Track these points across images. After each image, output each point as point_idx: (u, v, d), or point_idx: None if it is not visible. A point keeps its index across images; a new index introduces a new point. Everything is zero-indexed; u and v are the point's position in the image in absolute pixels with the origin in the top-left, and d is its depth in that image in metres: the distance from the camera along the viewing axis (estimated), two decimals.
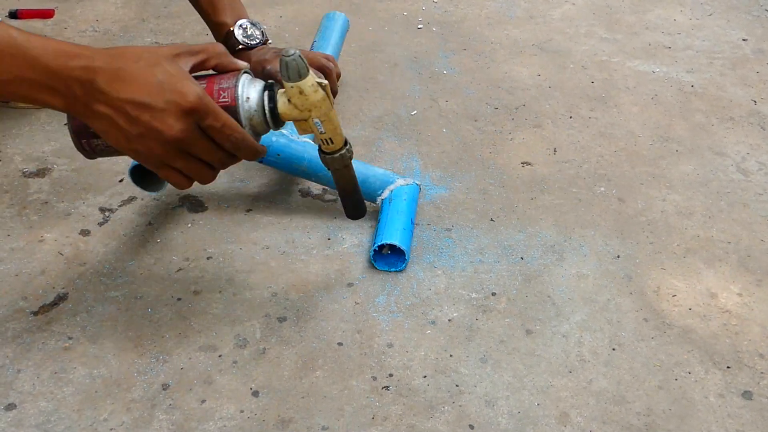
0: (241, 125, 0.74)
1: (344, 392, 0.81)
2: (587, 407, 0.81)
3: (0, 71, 0.66)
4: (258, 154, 0.76)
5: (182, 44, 0.74)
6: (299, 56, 0.71)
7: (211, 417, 0.77)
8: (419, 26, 1.56)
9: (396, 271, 0.96)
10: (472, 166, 1.16)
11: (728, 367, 0.86)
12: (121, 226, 1.00)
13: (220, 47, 0.76)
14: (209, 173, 0.75)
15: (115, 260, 0.94)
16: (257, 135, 0.77)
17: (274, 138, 1.01)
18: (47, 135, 1.16)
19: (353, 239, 1.00)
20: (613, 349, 0.87)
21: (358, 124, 1.24)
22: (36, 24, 1.45)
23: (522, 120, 1.28)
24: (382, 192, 1.02)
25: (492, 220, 1.05)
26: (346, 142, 0.82)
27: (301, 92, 0.74)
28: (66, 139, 1.15)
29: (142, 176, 0.93)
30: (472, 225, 1.04)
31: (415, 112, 1.28)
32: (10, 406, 0.77)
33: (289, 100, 0.75)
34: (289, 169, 1.03)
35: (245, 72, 0.77)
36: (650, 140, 1.24)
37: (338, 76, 1.07)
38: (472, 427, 0.78)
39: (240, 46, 1.02)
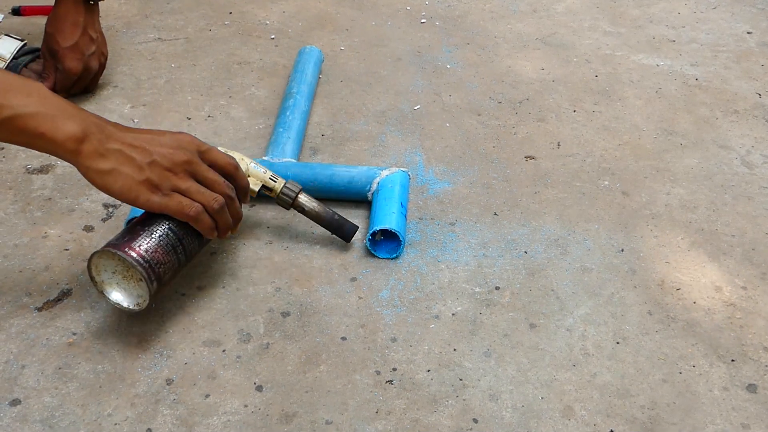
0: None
1: (348, 386, 0.81)
2: (591, 401, 0.81)
3: (26, 104, 0.75)
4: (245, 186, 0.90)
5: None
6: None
7: (215, 411, 0.77)
8: (422, 20, 1.56)
9: (396, 257, 0.96)
10: (476, 161, 1.16)
11: (733, 361, 0.86)
12: (124, 222, 1.00)
13: None
14: (211, 196, 0.84)
15: None
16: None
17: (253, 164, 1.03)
18: None
19: (356, 234, 1.00)
20: (617, 343, 0.87)
21: (362, 118, 1.24)
22: (39, 21, 1.45)
23: (525, 114, 1.27)
24: (370, 186, 1.03)
25: (495, 214, 1.05)
26: (283, 183, 0.95)
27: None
28: None
29: None
30: (476, 219, 1.04)
31: (418, 106, 1.28)
32: (15, 402, 0.77)
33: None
34: None
35: None
36: (654, 134, 1.24)
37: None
38: (476, 420, 0.78)
39: None
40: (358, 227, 0.97)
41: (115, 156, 0.78)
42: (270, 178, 0.95)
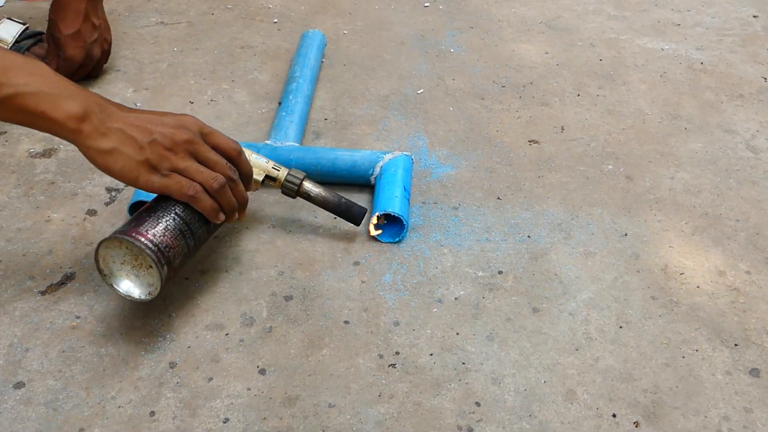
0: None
1: (351, 370, 0.81)
2: (594, 385, 0.81)
3: (27, 83, 0.74)
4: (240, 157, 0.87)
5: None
6: None
7: (218, 395, 0.77)
8: (426, 4, 1.55)
9: (399, 241, 0.96)
10: (479, 145, 1.15)
11: (736, 345, 0.86)
12: (126, 206, 1.00)
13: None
14: (210, 175, 0.83)
15: None
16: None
17: (258, 149, 1.04)
18: None
19: None
20: (620, 327, 0.87)
21: (365, 102, 1.24)
22: (42, 5, 1.44)
23: (529, 98, 1.27)
24: (373, 170, 1.02)
25: (499, 198, 1.05)
26: (287, 172, 0.94)
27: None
28: None
29: None
30: (479, 203, 1.04)
31: (421, 90, 1.28)
32: (19, 385, 0.77)
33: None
34: None
35: None
36: (659, 118, 1.23)
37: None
38: (478, 404, 0.78)
39: None
40: (366, 209, 0.97)
41: (116, 135, 0.77)
42: (273, 168, 0.94)
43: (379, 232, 0.96)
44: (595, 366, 0.83)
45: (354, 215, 0.96)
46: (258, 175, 0.93)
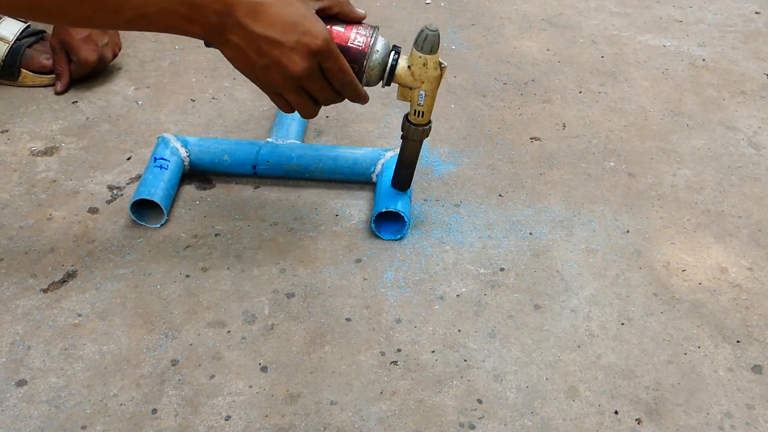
0: (363, 70, 0.81)
1: (352, 367, 0.81)
2: (596, 381, 0.81)
3: (147, 3, 0.70)
4: (361, 99, 0.83)
5: None
6: (438, 34, 0.80)
7: (220, 392, 0.77)
8: (427, 1, 1.55)
9: (400, 238, 0.96)
10: (481, 142, 1.15)
11: (738, 342, 0.86)
12: (128, 204, 1.00)
13: None
14: (314, 109, 0.82)
15: (124, 237, 0.95)
16: (368, 85, 0.84)
17: (260, 146, 1.03)
18: (55, 114, 1.16)
19: (361, 215, 1.00)
20: (622, 324, 0.87)
21: None
22: None
23: (531, 95, 1.27)
24: (375, 168, 1.02)
25: (500, 195, 1.05)
26: (430, 120, 0.89)
27: (425, 64, 0.82)
28: (73, 117, 1.15)
29: (141, 212, 0.97)
30: (481, 200, 1.04)
31: None
32: (21, 382, 0.77)
33: (409, 67, 0.83)
34: (281, 172, 1.03)
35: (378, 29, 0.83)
36: (661, 115, 1.23)
37: None
38: (480, 401, 0.78)
39: None
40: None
41: (232, 48, 0.76)
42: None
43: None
44: (597, 363, 0.83)
45: (405, 185, 0.96)
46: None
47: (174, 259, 0.92)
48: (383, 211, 0.95)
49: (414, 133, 0.89)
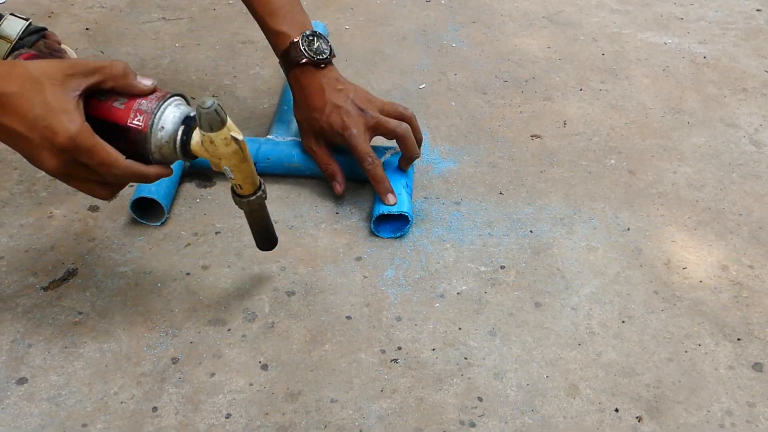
0: (149, 152, 0.72)
1: (353, 365, 0.81)
2: (596, 379, 0.81)
3: None
4: (151, 180, 0.74)
5: (79, 62, 0.69)
6: (215, 110, 0.68)
7: (221, 390, 0.78)
8: None
9: (400, 236, 0.96)
10: (481, 140, 1.15)
11: (739, 339, 0.86)
12: (128, 203, 1.00)
13: (119, 67, 0.71)
14: (104, 191, 0.74)
15: (124, 236, 0.95)
16: (167, 161, 0.75)
17: (261, 143, 1.03)
18: None
19: (361, 213, 1.00)
20: (623, 322, 0.87)
21: None
22: (43, 1, 1.44)
23: (531, 93, 1.27)
24: None
25: (501, 193, 1.05)
26: (259, 188, 0.79)
27: (212, 142, 0.70)
28: None
29: (142, 210, 0.97)
30: (481, 198, 1.04)
31: (423, 85, 1.28)
32: (22, 380, 0.78)
33: (202, 143, 0.72)
34: (281, 169, 1.03)
35: (174, 95, 0.74)
36: (661, 112, 1.23)
37: (419, 141, 1.01)
38: (480, 399, 0.78)
39: (304, 60, 0.98)
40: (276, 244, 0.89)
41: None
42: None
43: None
44: (597, 361, 0.83)
45: (268, 245, 0.88)
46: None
47: (174, 257, 0.92)
48: (382, 214, 0.94)
49: (242, 205, 0.80)
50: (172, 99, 0.73)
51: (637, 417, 0.77)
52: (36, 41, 1.21)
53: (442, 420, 0.76)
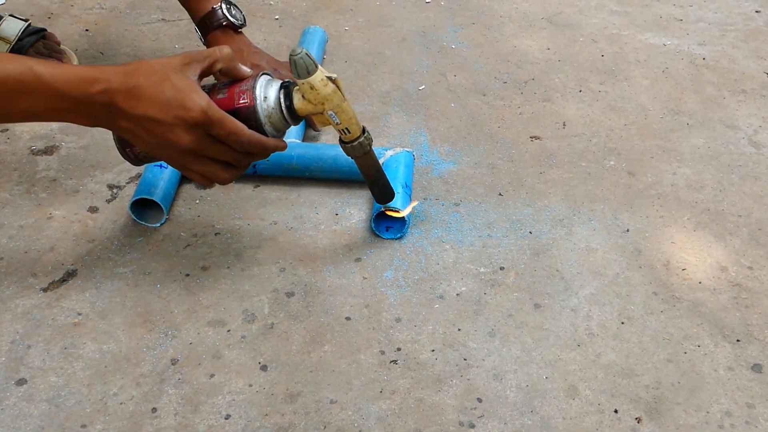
0: (261, 123, 0.79)
1: (352, 366, 0.81)
2: (596, 380, 0.81)
3: (32, 106, 0.73)
4: (270, 151, 0.81)
5: (191, 52, 0.78)
6: (306, 54, 0.75)
7: (220, 391, 0.78)
8: (427, 0, 1.55)
9: (400, 237, 0.96)
10: (481, 141, 1.15)
11: (738, 341, 0.86)
12: (128, 203, 1.00)
13: (226, 50, 0.80)
14: (226, 174, 0.81)
15: (124, 236, 0.95)
16: (279, 131, 0.82)
17: None
18: None
19: (361, 214, 1.00)
20: (622, 323, 0.87)
21: (366, 99, 1.23)
22: (42, 2, 1.44)
23: (531, 94, 1.27)
24: None
25: (500, 194, 1.05)
26: (363, 131, 0.85)
27: (312, 87, 0.78)
28: None
29: (141, 211, 0.97)
30: (481, 199, 1.04)
31: (423, 86, 1.28)
32: (21, 381, 0.78)
33: (303, 96, 0.79)
34: (281, 171, 1.03)
35: (264, 73, 0.81)
36: (661, 113, 1.23)
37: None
38: (480, 400, 0.78)
39: (225, 23, 1.09)
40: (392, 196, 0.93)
41: (126, 133, 0.78)
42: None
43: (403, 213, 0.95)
44: (596, 362, 0.83)
45: (386, 196, 0.92)
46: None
47: (174, 258, 0.92)
48: (383, 210, 0.95)
49: (353, 150, 0.85)
50: (262, 76, 0.80)
51: (636, 418, 0.77)
52: (35, 42, 1.21)
53: (442, 421, 0.76)
